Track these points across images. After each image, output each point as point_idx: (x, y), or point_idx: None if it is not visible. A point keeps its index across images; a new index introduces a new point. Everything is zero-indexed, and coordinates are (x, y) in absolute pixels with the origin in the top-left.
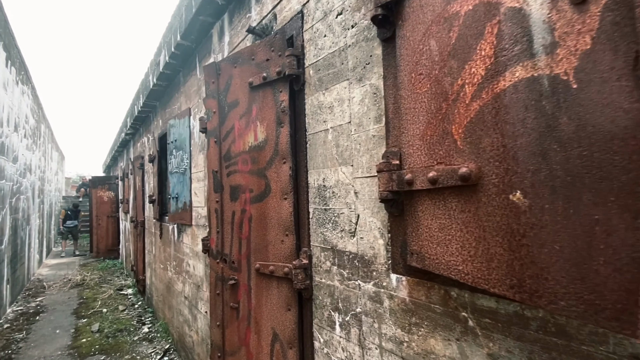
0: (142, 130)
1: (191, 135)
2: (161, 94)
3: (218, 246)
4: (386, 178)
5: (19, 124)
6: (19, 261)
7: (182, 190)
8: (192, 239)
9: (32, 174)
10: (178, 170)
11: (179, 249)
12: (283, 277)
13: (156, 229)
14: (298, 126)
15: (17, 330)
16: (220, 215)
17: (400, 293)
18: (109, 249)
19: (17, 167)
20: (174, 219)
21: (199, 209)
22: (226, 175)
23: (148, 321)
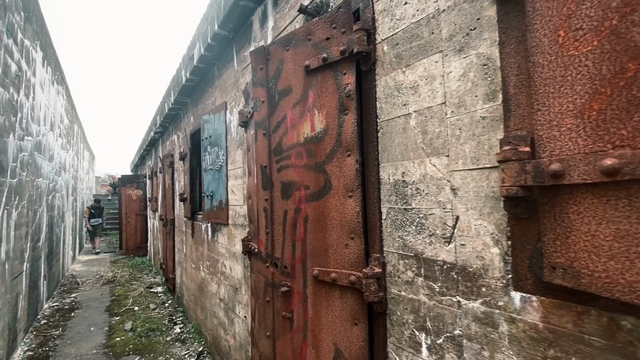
0: (171, 129)
1: (227, 130)
2: (193, 89)
3: (267, 249)
4: (516, 170)
5: (55, 123)
6: (54, 257)
7: (218, 188)
8: (229, 239)
9: (66, 173)
10: (213, 168)
11: (213, 249)
12: (348, 287)
13: (187, 227)
14: (366, 113)
15: (54, 327)
16: (270, 215)
17: (528, 317)
18: (138, 246)
19: (52, 166)
20: (208, 217)
21: (237, 207)
22: (277, 170)
23: (179, 321)
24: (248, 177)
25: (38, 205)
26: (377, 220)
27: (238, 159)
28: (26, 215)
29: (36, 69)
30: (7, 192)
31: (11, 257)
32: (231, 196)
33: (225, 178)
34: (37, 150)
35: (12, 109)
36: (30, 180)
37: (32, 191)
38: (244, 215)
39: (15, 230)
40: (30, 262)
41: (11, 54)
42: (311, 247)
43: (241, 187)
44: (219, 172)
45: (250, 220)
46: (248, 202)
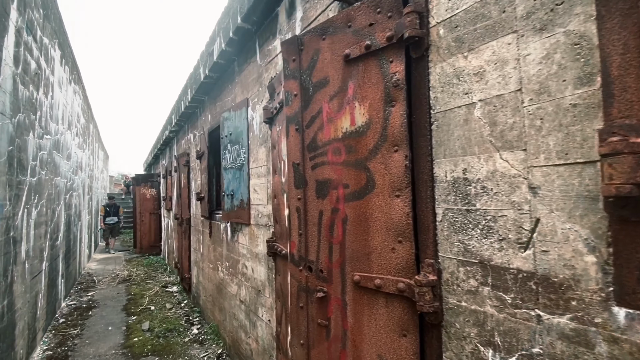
0: (187, 127)
1: (249, 127)
2: (211, 87)
3: (301, 251)
4: (629, 164)
5: (72, 122)
6: (72, 256)
7: (239, 187)
8: (251, 239)
9: (82, 172)
10: (234, 166)
11: (233, 249)
12: (395, 295)
13: (204, 227)
14: (416, 104)
15: (72, 326)
16: (303, 215)
17: (637, 337)
18: (152, 245)
19: (70, 165)
20: (228, 217)
21: (260, 207)
22: (311, 168)
23: (196, 321)
24: (273, 175)
25: (56, 204)
26: (430, 222)
27: (261, 156)
28: (45, 214)
29: (54, 67)
30: (27, 190)
31: (31, 256)
32: (253, 195)
33: (246, 177)
34: (55, 149)
35: (31, 107)
36: (49, 179)
37: (50, 190)
38: (267, 215)
39: (35, 229)
40: (49, 260)
41: (31, 52)
42: (351, 250)
43: (264, 186)
44: (240, 170)
45: (275, 220)
46: (273, 201)
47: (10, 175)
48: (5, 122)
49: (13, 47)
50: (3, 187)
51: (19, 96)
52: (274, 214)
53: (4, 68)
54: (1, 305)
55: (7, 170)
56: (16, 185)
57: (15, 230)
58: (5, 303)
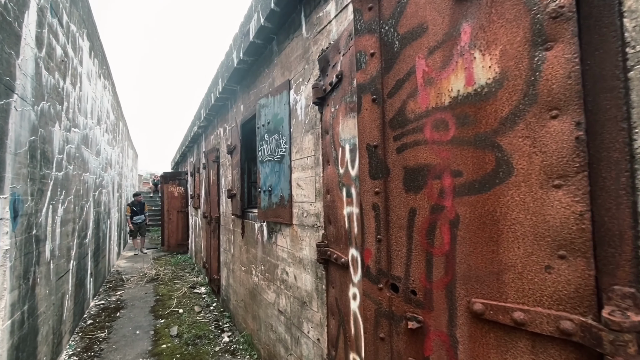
0: (216, 122)
1: (291, 113)
2: (244, 73)
3: (380, 263)
4: None
5: (101, 118)
6: (100, 254)
7: (278, 181)
8: (293, 242)
9: (112, 169)
10: (272, 158)
11: (270, 252)
12: (554, 338)
13: (236, 226)
14: (592, 42)
15: (100, 328)
16: (383, 215)
17: None
18: (179, 244)
19: (99, 161)
20: (265, 216)
21: (305, 204)
22: (395, 151)
23: (227, 327)
24: (325, 167)
25: (85, 200)
26: (625, 227)
27: (307, 146)
28: (73, 211)
29: (83, 58)
30: (53, 185)
31: (57, 256)
32: (296, 191)
33: (287, 170)
34: (84, 144)
35: (57, 96)
36: (77, 174)
37: (79, 186)
38: (315, 214)
39: (62, 227)
40: (77, 259)
41: (56, 36)
42: (465, 266)
43: (311, 180)
44: (280, 163)
45: (328, 220)
46: (325, 198)
47: (32, 168)
48: (27, 108)
49: (35, 27)
50: (24, 180)
51: (43, 82)
52: (327, 212)
53: (24, 48)
54: (21, 311)
55: (29, 163)
56: (39, 179)
57: (39, 228)
58: (26, 308)
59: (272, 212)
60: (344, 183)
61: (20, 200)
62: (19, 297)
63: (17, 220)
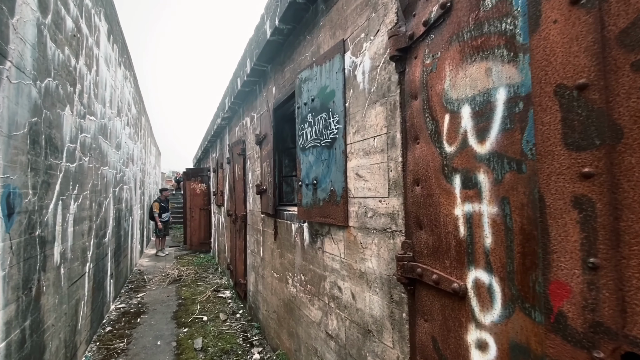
0: (242, 111)
1: (347, 82)
2: (278, 48)
3: (597, 311)
4: None
5: (122, 109)
6: (122, 253)
7: (327, 172)
8: (350, 249)
9: (134, 165)
10: (318, 144)
11: (313, 260)
12: None
13: (267, 226)
14: None
15: (119, 337)
16: (606, 219)
17: None
18: (201, 242)
19: (120, 155)
20: (308, 215)
21: (370, 201)
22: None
23: (256, 341)
24: (411, 147)
25: (104, 196)
26: None
27: (372, 122)
28: (89, 208)
29: (100, 39)
30: (63, 178)
31: (69, 259)
32: (355, 184)
33: (341, 157)
34: (102, 135)
35: (68, 76)
36: (94, 167)
37: (96, 180)
38: (389, 213)
39: (75, 226)
40: (95, 261)
41: (65, 4)
42: None
43: (381, 167)
44: (329, 148)
45: (418, 223)
46: (412, 190)
47: (34, 155)
48: (25, 82)
49: None
50: (22, 170)
51: (48, 55)
52: (414, 212)
53: (21, 7)
54: (20, 329)
55: (30, 149)
56: (44, 169)
57: (44, 227)
58: (28, 324)
59: (318, 210)
60: (455, 168)
61: (17, 194)
62: (17, 313)
63: (12, 219)
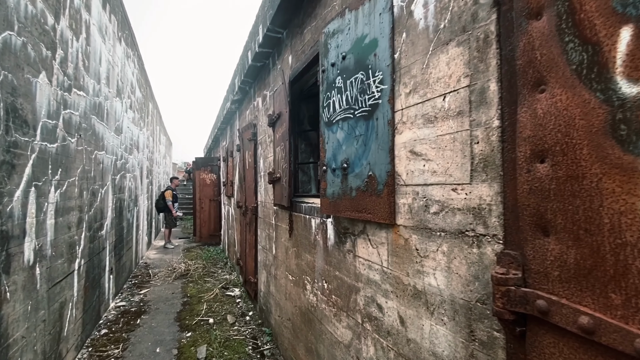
0: (252, 92)
1: (396, 24)
2: (297, 5)
3: None
4: None
5: (123, 90)
6: (125, 246)
7: (363, 152)
8: (399, 256)
9: (139, 152)
10: (350, 114)
11: (341, 265)
12: None
13: (280, 220)
14: None
15: (114, 341)
16: None
17: None
18: (211, 234)
19: (121, 140)
20: (335, 208)
21: (435, 189)
22: None
23: (268, 352)
24: (532, 97)
25: (99, 184)
26: None
27: (441, 72)
28: (79, 197)
29: (91, 4)
30: (38, 160)
31: (48, 256)
32: (408, 165)
33: (386, 129)
34: (95, 115)
35: (42, 36)
36: (86, 150)
37: (88, 165)
38: (469, 208)
39: (58, 218)
40: (87, 257)
41: None
42: None
43: (455, 139)
44: (368, 119)
45: (541, 227)
46: (532, 169)
47: None
48: None
49: None
50: None
51: (8, 3)
52: (530, 206)
53: None
54: None
55: None
56: (5, 147)
57: (7, 219)
58: None
59: (349, 202)
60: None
61: None
62: None
63: None
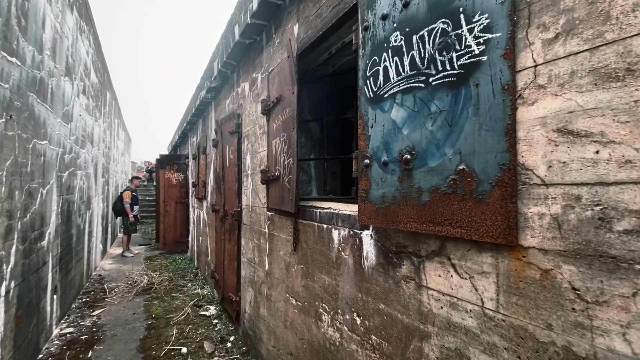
0: (236, 77)
1: None
2: None
3: None
4: None
5: (74, 69)
6: (74, 258)
7: (446, 137)
8: (527, 297)
9: (94, 146)
10: (420, 83)
11: (390, 296)
12: None
13: (278, 228)
14: None
15: None
16: None
17: None
18: (177, 241)
19: (70, 130)
20: (383, 217)
21: (629, 192)
22: None
23: None
24: None
25: (39, 182)
26: None
27: None
28: (7, 198)
29: None
30: None
31: None
32: (557, 153)
33: (498, 100)
34: (35, 93)
35: None
36: (20, 137)
37: (23, 157)
38: None
39: None
40: (21, 276)
41: None
42: None
43: None
44: (458, 88)
45: None
46: None
47: None
48: None
49: None
50: None
51: None
52: None
53: None
54: None
55: None
56: None
57: None
58: None
59: (417, 210)
60: None
61: None
62: None
63: None
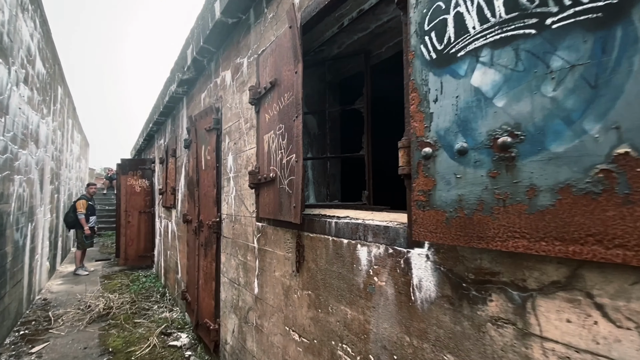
0: (213, 66)
1: None
2: None
3: None
4: None
5: (11, 51)
6: (9, 281)
7: (585, 106)
8: None
9: (40, 148)
10: (530, 28)
11: (475, 349)
12: None
13: (272, 243)
14: None
15: None
16: None
17: None
18: (140, 255)
19: (5, 125)
20: (456, 232)
21: None
22: None
23: None
24: None
25: None
26: None
27: None
28: None
29: None
30: None
31: None
32: None
33: None
34: None
35: None
36: None
37: None
38: None
39: None
40: None
41: None
42: None
43: None
44: (607, 28)
45: None
46: None
47: None
48: None
49: None
50: None
51: None
52: None
53: None
54: None
55: None
56: None
57: None
58: None
59: (525, 220)
60: None
61: None
62: None
63: None
